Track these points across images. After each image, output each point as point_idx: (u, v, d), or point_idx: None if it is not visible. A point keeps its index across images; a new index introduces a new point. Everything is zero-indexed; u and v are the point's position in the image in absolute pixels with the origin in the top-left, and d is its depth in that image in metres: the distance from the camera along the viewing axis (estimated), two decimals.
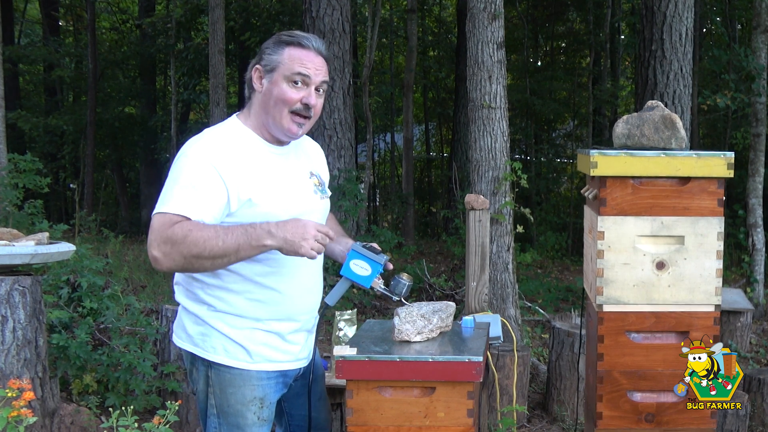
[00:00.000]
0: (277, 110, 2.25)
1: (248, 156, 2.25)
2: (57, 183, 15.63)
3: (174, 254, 2.08)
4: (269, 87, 2.25)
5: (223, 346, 2.29)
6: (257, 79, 2.28)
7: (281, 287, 2.31)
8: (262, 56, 2.28)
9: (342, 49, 8.74)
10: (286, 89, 2.23)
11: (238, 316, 2.29)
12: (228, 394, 2.32)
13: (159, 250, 2.09)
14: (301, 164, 2.42)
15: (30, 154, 7.07)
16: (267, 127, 2.29)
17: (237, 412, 2.33)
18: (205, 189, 2.14)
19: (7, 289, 3.63)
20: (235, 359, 2.30)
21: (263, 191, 2.23)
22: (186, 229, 2.08)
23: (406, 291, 2.48)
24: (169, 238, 2.07)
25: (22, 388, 2.28)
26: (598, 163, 2.56)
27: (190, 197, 2.12)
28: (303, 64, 2.23)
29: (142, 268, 8.74)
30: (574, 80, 15.41)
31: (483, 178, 6.08)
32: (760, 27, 8.16)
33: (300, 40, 2.25)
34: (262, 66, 2.27)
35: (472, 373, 2.38)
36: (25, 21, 19.48)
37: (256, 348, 2.31)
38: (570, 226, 13.83)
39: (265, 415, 2.37)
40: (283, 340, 2.36)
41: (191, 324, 2.34)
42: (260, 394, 2.34)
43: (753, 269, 8.10)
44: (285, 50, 2.25)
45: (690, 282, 2.59)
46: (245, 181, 2.20)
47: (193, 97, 15.32)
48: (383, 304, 7.70)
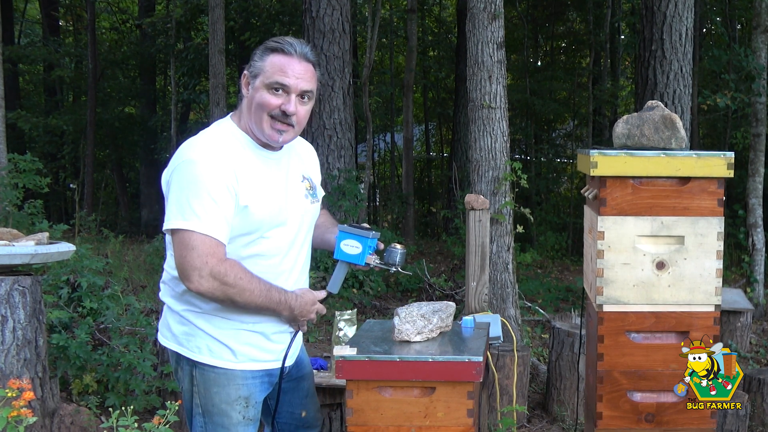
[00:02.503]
0: (257, 116, 2.26)
1: (245, 163, 2.26)
2: (57, 183, 15.63)
3: (219, 291, 2.19)
4: (252, 93, 2.27)
5: (207, 346, 2.31)
6: (245, 85, 2.31)
7: None
8: (250, 62, 2.30)
9: (342, 49, 8.74)
10: (266, 96, 2.24)
11: (222, 318, 2.31)
12: (213, 394, 2.33)
13: (207, 281, 2.17)
14: (293, 167, 2.43)
15: (30, 154, 7.08)
16: (254, 131, 2.31)
17: (222, 411, 2.34)
18: (224, 204, 2.18)
19: (7, 289, 3.63)
20: (219, 359, 2.31)
21: (258, 200, 2.25)
22: (238, 275, 2.19)
23: (401, 259, 2.42)
24: (220, 275, 2.17)
25: (22, 388, 2.28)
26: (598, 163, 2.56)
27: (215, 215, 2.17)
28: (284, 72, 2.23)
29: (142, 268, 8.74)
30: (574, 80, 15.41)
31: (483, 178, 6.08)
32: (760, 27, 8.16)
33: (284, 47, 2.24)
34: (249, 72, 2.30)
35: (472, 373, 2.38)
36: (25, 21, 19.48)
37: (241, 348, 2.32)
38: (570, 226, 13.83)
39: (250, 415, 2.38)
40: (268, 339, 2.38)
41: (176, 324, 2.35)
42: (245, 394, 2.35)
43: (753, 269, 8.10)
44: (269, 57, 2.25)
45: (690, 282, 2.59)
46: (244, 189, 2.23)
47: (193, 97, 15.31)
48: (383, 304, 7.70)
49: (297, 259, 2.42)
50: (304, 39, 8.60)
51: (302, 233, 2.42)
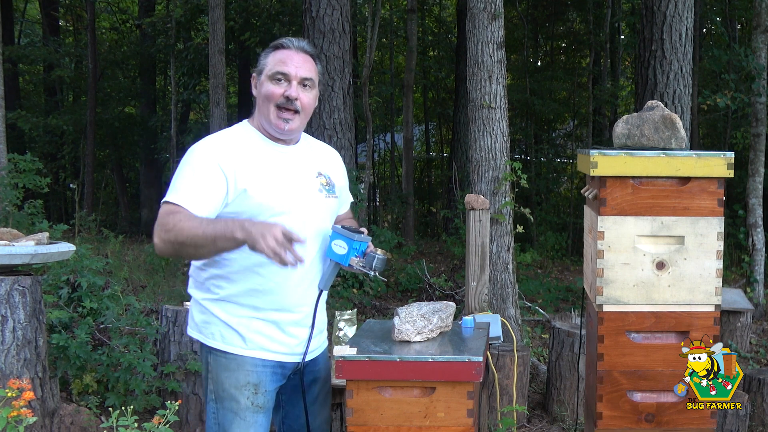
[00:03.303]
0: (265, 107, 2.41)
1: (248, 150, 2.38)
2: (57, 183, 15.63)
3: (166, 240, 2.24)
4: (259, 88, 2.43)
5: (220, 333, 2.40)
6: (254, 86, 2.47)
7: (277, 278, 2.36)
8: (257, 64, 2.47)
9: (342, 49, 8.74)
10: (269, 86, 2.39)
11: (236, 305, 2.38)
12: (223, 379, 2.40)
13: (157, 236, 2.27)
14: (308, 163, 2.50)
15: (30, 154, 7.08)
16: (265, 126, 2.43)
17: (231, 396, 2.40)
18: (204, 181, 2.29)
19: (7, 289, 3.63)
20: (230, 345, 2.39)
21: (259, 183, 2.34)
22: (177, 218, 2.24)
23: (379, 264, 2.42)
24: (164, 225, 2.25)
25: (22, 388, 2.28)
26: (598, 163, 2.56)
27: (190, 189, 2.28)
28: (284, 63, 2.39)
29: (142, 268, 8.75)
30: (574, 80, 15.42)
31: (483, 178, 6.08)
32: (760, 27, 8.16)
33: (283, 43, 2.44)
34: (255, 72, 2.47)
35: (472, 373, 2.38)
36: (25, 21, 19.48)
37: (251, 335, 2.39)
38: (570, 226, 13.84)
39: (259, 402, 2.41)
40: (282, 331, 2.41)
41: (197, 313, 2.47)
42: (254, 380, 2.40)
43: (753, 269, 8.10)
44: (271, 54, 2.43)
45: (690, 282, 2.59)
46: (243, 172, 2.32)
47: (193, 97, 15.33)
48: (383, 304, 7.70)
49: (306, 249, 2.39)
50: (303, 39, 8.64)
51: (312, 225, 2.42)
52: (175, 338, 4.41)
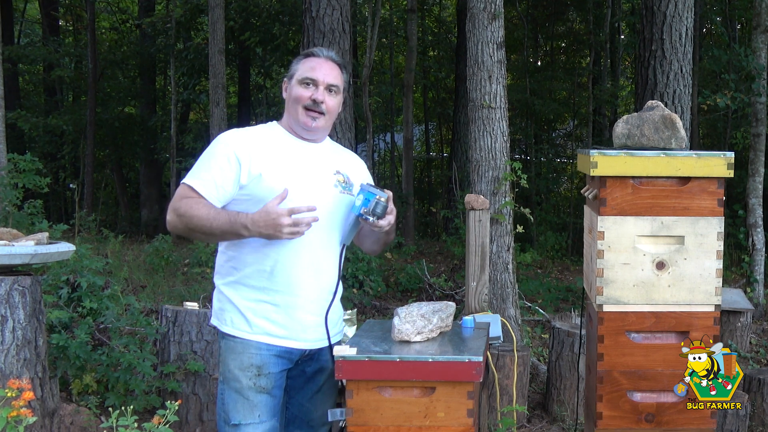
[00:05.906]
0: (294, 108, 2.60)
1: (270, 141, 2.57)
2: (57, 183, 15.63)
3: (178, 223, 2.49)
4: (289, 91, 2.64)
5: (231, 319, 2.54)
6: (284, 89, 2.67)
7: (282, 258, 2.48)
8: (288, 70, 2.69)
9: (342, 49, 8.73)
10: (299, 89, 2.60)
11: (247, 287, 2.51)
12: (229, 360, 2.53)
13: (170, 215, 2.51)
14: (327, 160, 2.65)
15: (30, 154, 7.06)
16: (292, 125, 2.62)
17: (235, 377, 2.51)
18: (219, 166, 2.48)
19: (6, 289, 3.62)
20: (237, 329, 2.52)
21: (274, 169, 2.49)
22: (189, 204, 2.46)
23: (379, 209, 2.46)
24: (177, 209, 2.48)
25: (22, 388, 2.28)
26: (598, 163, 2.56)
27: (206, 175, 2.48)
28: (313, 69, 2.60)
29: (142, 268, 8.75)
30: (574, 80, 15.41)
31: (483, 178, 6.07)
32: (760, 27, 8.16)
33: (314, 52, 2.66)
34: (287, 77, 2.67)
35: (472, 373, 2.38)
36: (24, 21, 19.48)
37: (257, 320, 2.50)
38: (570, 226, 13.83)
39: (262, 383, 2.50)
40: (289, 317, 2.50)
41: (216, 301, 2.62)
42: (257, 362, 2.50)
43: (753, 269, 8.10)
44: (302, 61, 2.65)
45: (690, 282, 2.59)
46: (259, 158, 2.49)
47: (193, 97, 15.31)
48: (383, 304, 7.70)
49: (315, 238, 2.51)
50: (303, 39, 8.63)
51: (325, 218, 2.51)
52: (175, 338, 4.41)
